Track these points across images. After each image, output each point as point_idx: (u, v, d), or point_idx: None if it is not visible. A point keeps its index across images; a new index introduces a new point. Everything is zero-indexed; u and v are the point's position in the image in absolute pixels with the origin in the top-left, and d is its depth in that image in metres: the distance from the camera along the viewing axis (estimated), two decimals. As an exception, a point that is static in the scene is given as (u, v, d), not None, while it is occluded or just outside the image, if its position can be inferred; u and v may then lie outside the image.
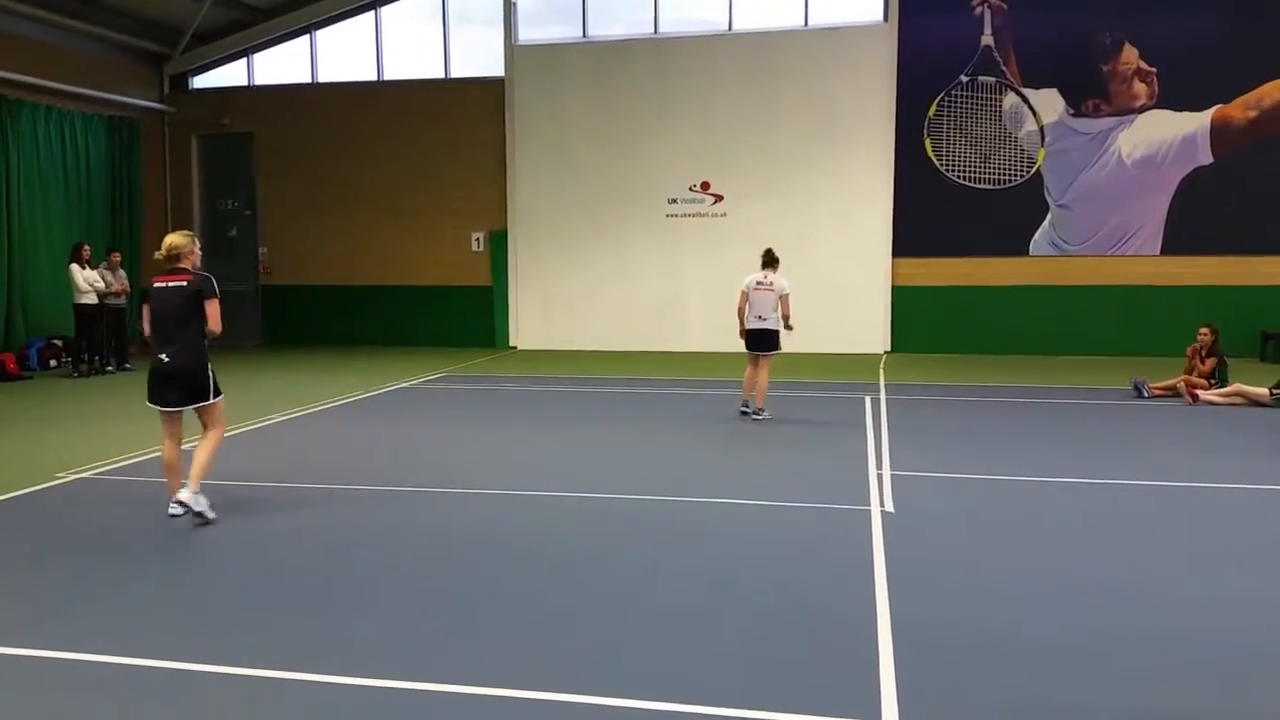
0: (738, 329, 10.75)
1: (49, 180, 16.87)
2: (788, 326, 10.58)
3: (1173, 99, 16.49)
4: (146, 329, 6.54)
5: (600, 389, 13.33)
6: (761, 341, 10.55)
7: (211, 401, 6.53)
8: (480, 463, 8.71)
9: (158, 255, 6.53)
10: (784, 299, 10.49)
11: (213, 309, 6.43)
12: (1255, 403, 11.44)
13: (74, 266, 14.64)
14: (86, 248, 14.93)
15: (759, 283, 10.55)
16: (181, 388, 6.43)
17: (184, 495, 6.32)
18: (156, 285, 6.47)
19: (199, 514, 6.36)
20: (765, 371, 10.60)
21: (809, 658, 4.42)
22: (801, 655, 4.44)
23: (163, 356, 6.39)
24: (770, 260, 10.68)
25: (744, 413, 10.77)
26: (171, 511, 6.41)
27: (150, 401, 6.47)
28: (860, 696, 4.00)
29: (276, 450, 9.29)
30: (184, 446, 6.71)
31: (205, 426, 6.59)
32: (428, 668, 4.30)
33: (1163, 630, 4.75)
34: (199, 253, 6.62)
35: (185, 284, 6.40)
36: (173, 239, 6.55)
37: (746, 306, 10.61)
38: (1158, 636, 4.67)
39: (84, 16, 17.39)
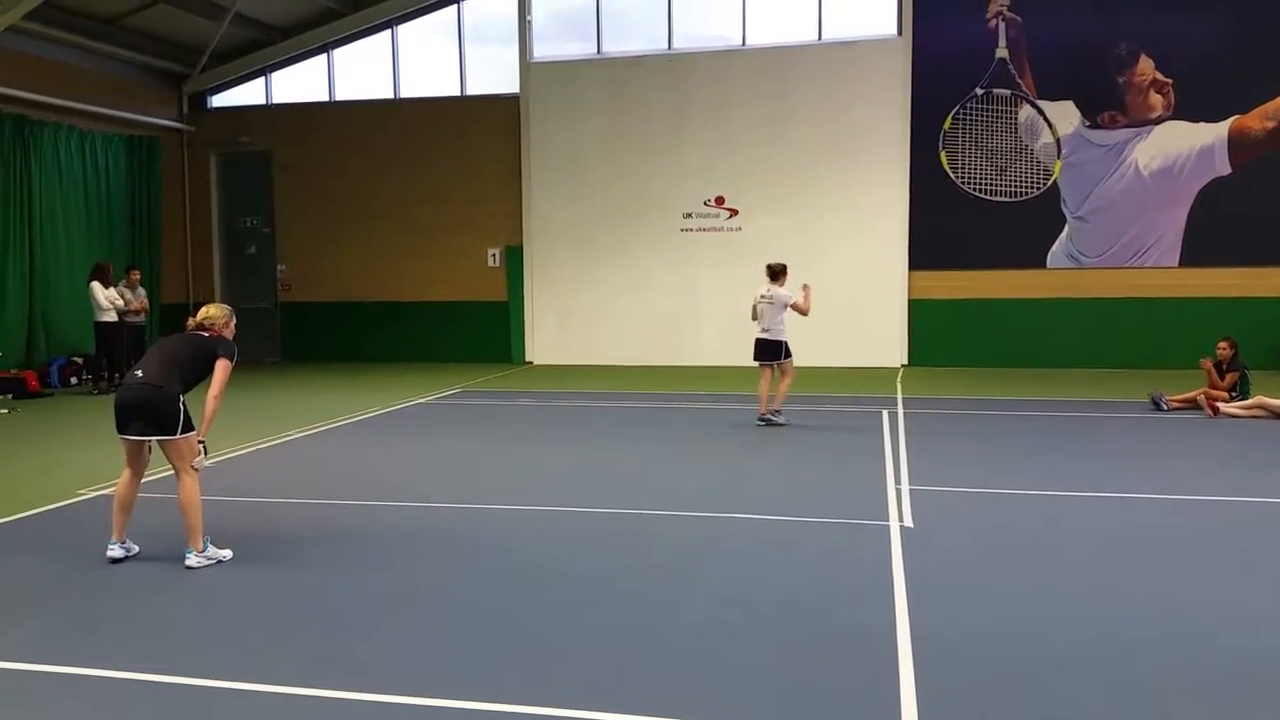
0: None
1: (70, 199, 17.02)
2: (804, 311, 10.99)
3: (1189, 110, 16.42)
4: None
5: (615, 404, 13.34)
6: (764, 351, 11.00)
7: (178, 437, 5.96)
8: (494, 478, 8.72)
9: (191, 322, 6.38)
10: (793, 306, 10.92)
11: (222, 369, 6.06)
12: (1278, 415, 11.32)
13: (95, 284, 14.78)
14: (110, 267, 15.06)
15: (762, 296, 11.01)
16: (146, 415, 5.93)
17: (190, 561, 5.94)
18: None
19: (218, 562, 6.05)
20: (786, 379, 11.04)
21: (828, 673, 4.40)
22: (821, 671, 4.42)
23: (138, 372, 6.01)
24: (772, 274, 11.06)
25: (761, 424, 10.86)
26: (111, 555, 6.05)
27: (117, 430, 6.03)
28: (881, 712, 3.98)
29: (294, 466, 9.33)
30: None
31: (174, 470, 6.09)
32: (440, 684, 4.30)
33: (1182, 645, 4.70)
34: (233, 328, 6.37)
35: (206, 336, 6.20)
36: (210, 310, 6.36)
37: (756, 318, 11.07)
38: (1177, 651, 4.63)
39: (104, 37, 17.60)
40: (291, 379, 16.87)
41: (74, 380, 16.00)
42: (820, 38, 17.78)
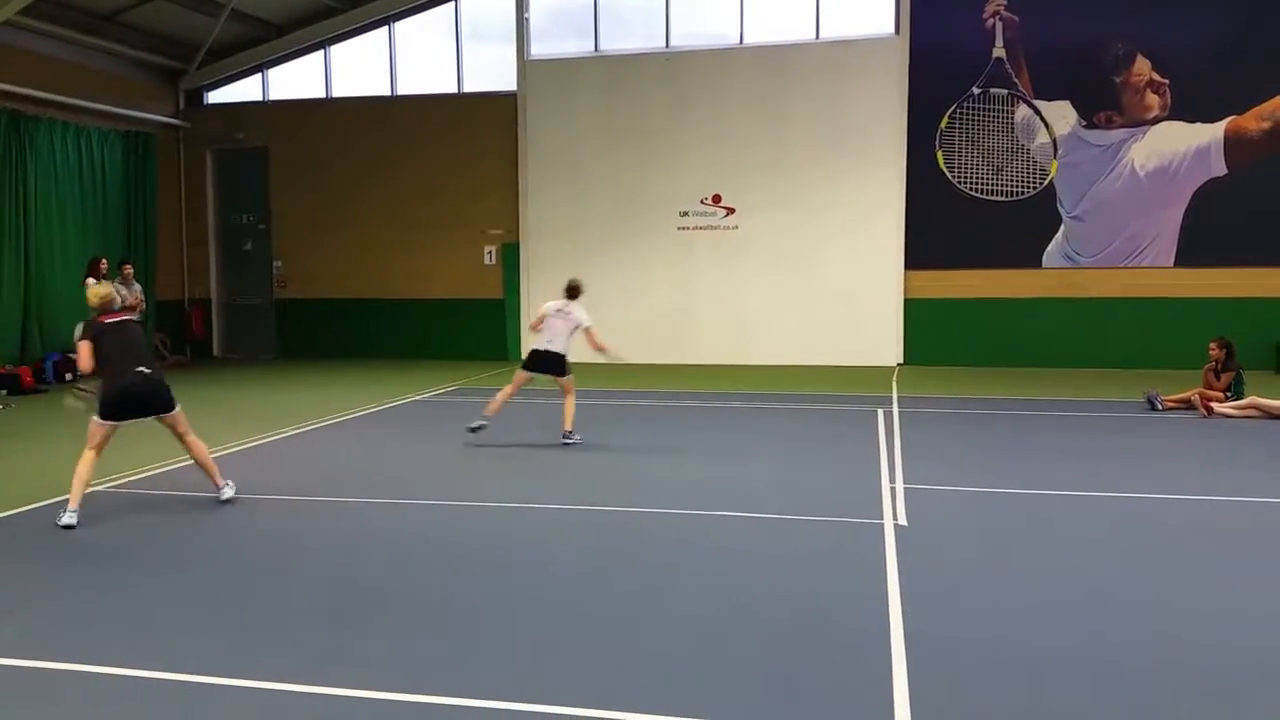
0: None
1: (65, 195, 16.98)
2: (599, 348, 10.21)
3: (1185, 110, 16.44)
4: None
5: (609, 401, 13.34)
6: (543, 363, 10.33)
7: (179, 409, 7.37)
8: (488, 476, 8.72)
9: (114, 299, 7.67)
10: (587, 330, 10.27)
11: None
12: (1272, 415, 11.35)
13: (91, 280, 14.73)
14: (104, 262, 15.04)
15: (558, 310, 10.29)
16: (153, 401, 7.37)
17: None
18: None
19: None
20: (571, 397, 10.42)
21: (821, 672, 4.41)
22: (814, 670, 4.43)
23: (143, 369, 7.31)
24: (571, 292, 10.42)
25: (475, 430, 10.12)
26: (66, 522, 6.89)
27: (115, 418, 7.24)
28: (874, 711, 3.99)
29: (290, 463, 9.33)
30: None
31: (180, 435, 7.46)
32: (437, 681, 4.31)
33: (1176, 645, 4.72)
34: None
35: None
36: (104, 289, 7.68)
37: (541, 329, 10.38)
38: (1172, 651, 4.65)
39: (101, 33, 17.55)
40: (287, 376, 16.85)
41: (68, 376, 15.95)
42: (818, 36, 17.77)
